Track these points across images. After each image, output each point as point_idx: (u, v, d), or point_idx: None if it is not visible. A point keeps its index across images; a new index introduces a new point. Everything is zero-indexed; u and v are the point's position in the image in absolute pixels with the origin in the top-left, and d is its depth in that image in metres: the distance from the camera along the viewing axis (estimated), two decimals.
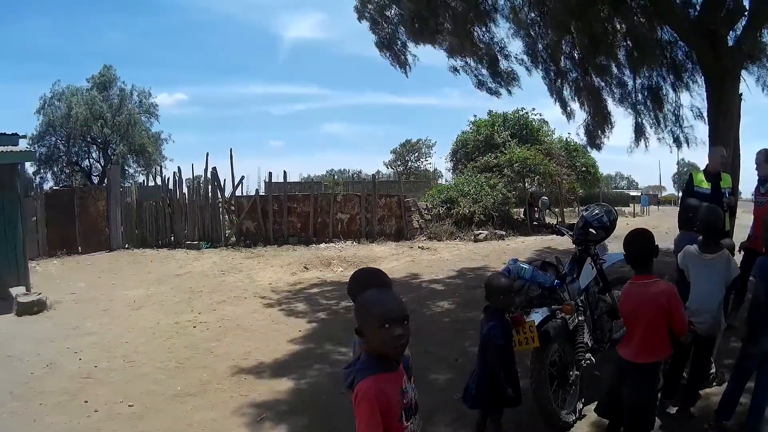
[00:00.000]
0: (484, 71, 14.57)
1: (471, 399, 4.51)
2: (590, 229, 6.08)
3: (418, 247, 18.56)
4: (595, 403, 4.89)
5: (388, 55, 13.76)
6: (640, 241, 4.30)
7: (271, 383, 6.53)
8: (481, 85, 14.70)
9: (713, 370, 5.95)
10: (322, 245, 19.50)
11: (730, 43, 11.73)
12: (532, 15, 13.36)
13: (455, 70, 14.47)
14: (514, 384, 4.48)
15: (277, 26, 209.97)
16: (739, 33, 12.03)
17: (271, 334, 8.65)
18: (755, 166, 8.21)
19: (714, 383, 5.93)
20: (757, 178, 8.27)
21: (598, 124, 15.10)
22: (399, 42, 13.54)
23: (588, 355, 5.29)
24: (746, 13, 11.57)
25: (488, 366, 4.41)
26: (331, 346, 7.75)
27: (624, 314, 4.46)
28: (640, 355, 4.10)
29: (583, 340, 5.31)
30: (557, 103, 14.89)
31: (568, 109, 14.98)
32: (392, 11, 13.17)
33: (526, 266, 5.26)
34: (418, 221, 21.86)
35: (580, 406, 5.27)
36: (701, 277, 5.27)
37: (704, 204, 6.18)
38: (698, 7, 12.43)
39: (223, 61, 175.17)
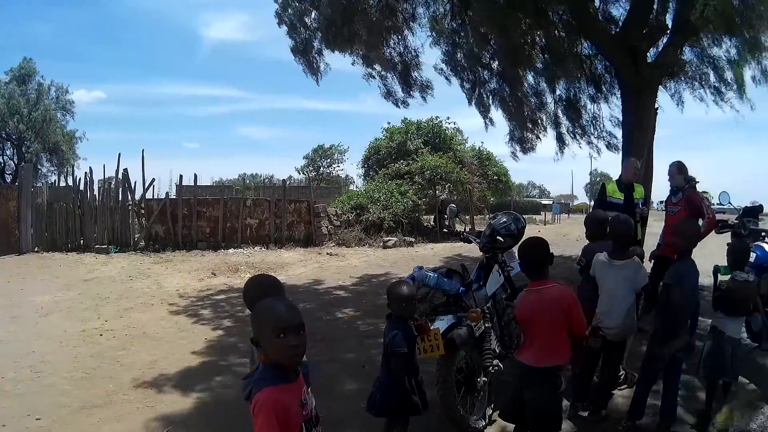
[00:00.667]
0: (394, 81, 14.51)
1: (375, 407, 4.41)
2: (498, 237, 6.16)
3: (327, 254, 18.46)
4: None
5: (301, 60, 13.58)
6: (533, 250, 4.31)
7: (177, 394, 6.32)
8: (388, 95, 14.63)
9: (623, 373, 6.10)
10: (231, 251, 19.25)
11: (650, 59, 11.99)
12: (453, 25, 13.36)
13: (371, 76, 14.36)
14: (419, 391, 4.41)
15: (199, 25, 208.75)
16: (659, 49, 12.30)
17: (177, 342, 8.41)
18: (668, 177, 8.50)
19: (625, 385, 6.11)
20: (669, 188, 8.56)
21: (518, 134, 15.29)
22: (314, 48, 13.37)
23: (496, 361, 5.30)
24: (668, 32, 11.85)
25: (392, 374, 4.34)
26: (235, 355, 7.55)
27: (521, 321, 4.43)
28: (539, 359, 4.07)
29: (490, 347, 5.31)
30: (479, 113, 14.95)
31: (488, 118, 15.01)
32: (311, 17, 12.99)
33: (431, 274, 5.26)
34: (327, 227, 21.75)
35: (489, 411, 5.29)
36: (610, 284, 5.36)
37: (614, 214, 6.33)
38: (621, 24, 12.70)
39: (144, 58, 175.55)
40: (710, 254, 7.88)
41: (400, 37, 13.78)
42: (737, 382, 5.70)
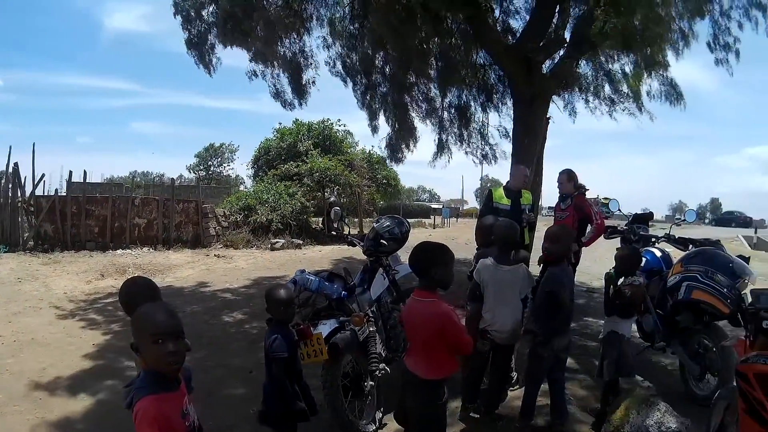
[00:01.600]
0: (284, 81, 14.27)
1: (261, 414, 4.34)
2: (381, 240, 6.24)
3: (215, 255, 18.19)
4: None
5: (194, 54, 13.21)
6: (421, 256, 4.13)
7: (67, 402, 6.08)
8: (277, 95, 14.34)
9: (515, 374, 6.21)
10: (119, 251, 18.64)
11: (546, 70, 12.19)
12: (351, 28, 13.32)
13: (254, 74, 14.06)
14: (306, 396, 4.40)
15: (103, 13, 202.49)
16: (556, 61, 12.55)
17: (66, 348, 8.04)
18: (557, 184, 8.85)
19: (517, 386, 6.19)
20: (558, 195, 8.91)
21: (403, 139, 15.18)
22: (208, 42, 13.02)
23: (382, 365, 5.28)
24: (566, 45, 12.06)
25: (274, 380, 4.27)
26: (124, 360, 7.20)
27: (405, 327, 4.28)
28: (421, 370, 3.94)
29: (376, 351, 5.29)
30: (367, 115, 14.83)
31: (376, 122, 14.91)
32: (209, 10, 12.59)
33: (312, 277, 5.27)
34: (215, 228, 21.39)
35: (379, 415, 5.27)
36: (498, 288, 5.38)
37: (500, 219, 6.39)
38: (518, 35, 12.84)
39: (44, 44, 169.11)
40: (600, 258, 8.09)
41: (297, 36, 13.58)
42: (632, 380, 6.01)
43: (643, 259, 6.64)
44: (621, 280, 5.67)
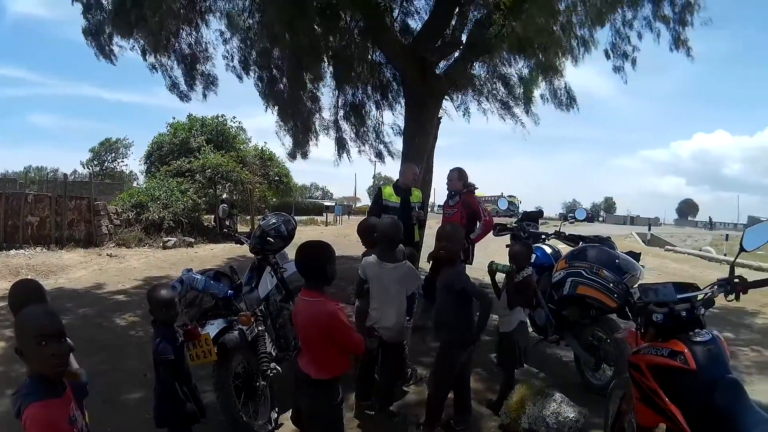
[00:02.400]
0: (180, 73, 13.91)
1: (157, 418, 4.29)
2: (268, 238, 6.29)
3: (107, 255, 17.66)
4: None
5: (93, 44, 12.77)
6: (308, 254, 4.11)
7: None
8: (174, 87, 13.92)
9: (410, 369, 6.41)
10: (12, 251, 17.73)
11: (440, 71, 12.30)
12: (250, 21, 13.19)
13: (153, 68, 13.61)
14: (195, 398, 4.37)
15: None
16: (450, 62, 12.70)
17: None
18: (447, 181, 9.06)
19: (411, 382, 6.40)
20: (447, 192, 9.12)
21: (299, 136, 15.12)
22: (106, 32, 12.60)
23: (273, 364, 5.30)
24: (461, 47, 12.17)
25: (162, 382, 4.23)
26: (19, 368, 6.67)
27: (296, 327, 4.32)
28: (311, 369, 3.95)
29: (266, 350, 5.32)
30: (270, 111, 14.51)
31: (278, 120, 14.67)
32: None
33: (198, 276, 5.21)
34: (107, 226, 20.68)
35: (275, 415, 5.32)
36: (382, 285, 5.45)
37: (385, 217, 6.63)
38: (415, 35, 12.95)
39: None
40: (493, 254, 8.24)
41: (193, 28, 13.34)
42: (527, 370, 6.26)
43: (533, 256, 6.83)
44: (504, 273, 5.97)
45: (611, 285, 5.68)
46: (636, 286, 4.43)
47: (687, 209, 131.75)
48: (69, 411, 2.66)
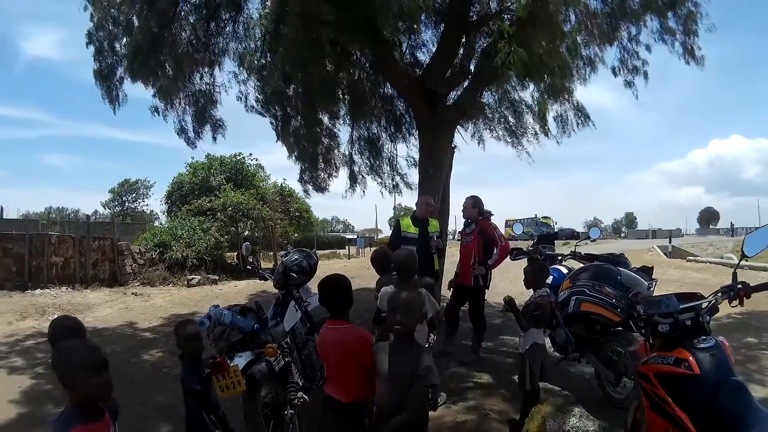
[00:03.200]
0: (189, 117, 13.99)
1: None
2: (291, 274, 6.56)
3: (132, 293, 17.87)
4: None
5: (102, 86, 12.83)
6: (330, 288, 4.36)
7: None
8: (182, 132, 13.95)
9: (442, 395, 6.45)
10: (38, 291, 17.92)
11: (450, 101, 12.45)
12: (263, 61, 13.30)
13: (156, 111, 13.64)
14: (224, 427, 4.68)
15: (18, 37, 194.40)
16: (459, 93, 12.84)
17: None
18: (462, 209, 9.17)
19: (441, 404, 6.35)
20: (464, 220, 9.20)
21: (314, 172, 15.28)
22: (116, 76, 12.74)
23: (300, 393, 5.42)
24: (470, 76, 12.34)
25: (191, 412, 4.47)
26: (52, 404, 7.09)
27: (321, 356, 4.54)
28: (341, 394, 4.14)
29: (293, 380, 5.48)
30: (284, 148, 14.52)
31: (293, 155, 14.77)
32: (121, 43, 12.32)
33: (225, 312, 5.33)
34: (131, 266, 20.97)
35: None
36: None
37: (402, 248, 7.04)
38: (424, 66, 13.11)
39: None
40: (514, 278, 8.43)
41: (207, 71, 13.53)
42: (550, 389, 6.38)
43: (550, 277, 7.02)
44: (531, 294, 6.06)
45: (614, 300, 5.91)
46: (640, 299, 4.59)
47: (708, 218, 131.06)
48: None
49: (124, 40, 12.15)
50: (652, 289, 6.69)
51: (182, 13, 12.08)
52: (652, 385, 3.50)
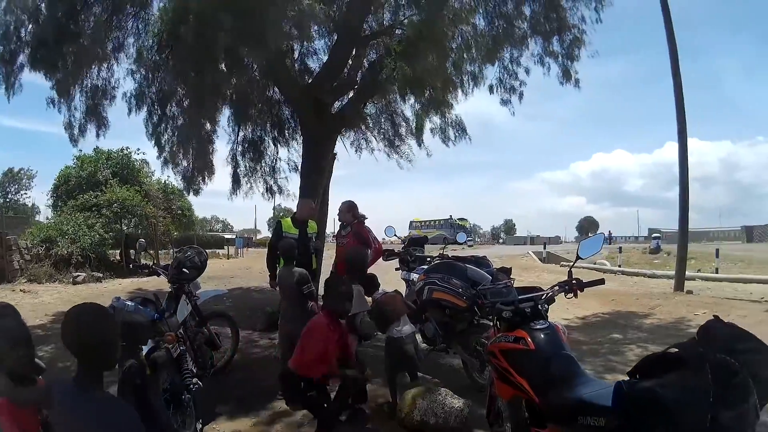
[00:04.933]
0: (78, 113, 13.77)
1: None
2: (183, 269, 6.89)
3: (20, 290, 17.70)
4: (215, 420, 6.03)
5: (0, 72, 12.72)
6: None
7: None
8: (69, 126, 13.76)
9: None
10: None
11: (335, 110, 13.02)
12: (157, 58, 13.38)
13: (52, 102, 13.34)
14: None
15: None
16: (344, 103, 13.41)
17: None
18: (338, 213, 9.60)
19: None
20: (339, 223, 9.65)
21: (199, 171, 15.46)
22: (17, 62, 12.61)
23: (195, 379, 5.73)
24: (355, 87, 12.95)
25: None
26: None
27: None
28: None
29: (188, 367, 5.75)
30: (156, 147, 14.86)
31: (167, 154, 15.06)
32: (27, 29, 12.04)
33: (129, 302, 5.60)
34: (18, 262, 20.53)
35: (199, 426, 5.66)
36: None
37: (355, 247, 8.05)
38: (314, 75, 13.63)
39: None
40: (390, 281, 9.10)
41: (105, 65, 13.49)
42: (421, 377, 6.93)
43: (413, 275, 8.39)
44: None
45: (460, 290, 6.84)
46: (487, 290, 5.36)
47: (587, 226, 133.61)
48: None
49: (30, 27, 12.07)
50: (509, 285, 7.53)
51: (89, 3, 12.05)
52: (498, 360, 4.19)
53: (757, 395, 2.81)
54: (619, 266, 29.98)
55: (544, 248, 41.62)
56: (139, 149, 33.03)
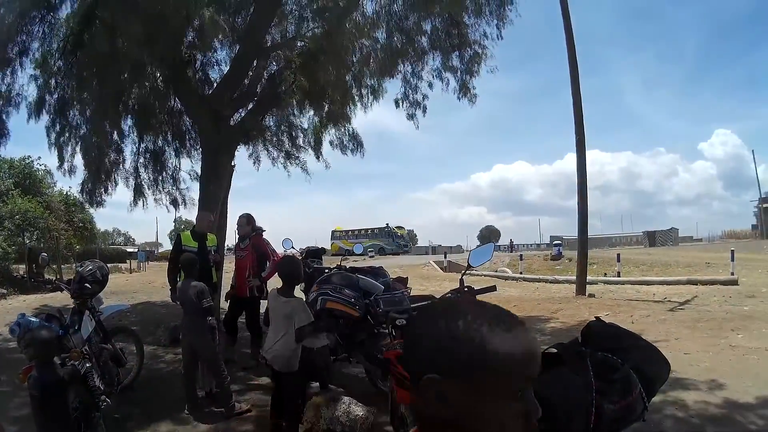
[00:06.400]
0: None
1: None
2: (85, 284, 6.82)
3: None
4: None
5: None
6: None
7: None
8: None
9: None
10: None
11: (234, 122, 13.00)
12: (61, 64, 12.86)
13: None
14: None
15: None
16: (243, 114, 13.41)
17: None
18: (236, 227, 9.90)
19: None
20: (238, 236, 9.91)
21: (99, 182, 15.13)
22: None
23: (104, 396, 5.69)
24: (255, 99, 13.04)
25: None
26: None
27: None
28: None
29: (95, 384, 5.65)
30: (57, 156, 14.40)
31: (68, 164, 14.62)
32: None
33: (33, 319, 5.57)
34: None
35: None
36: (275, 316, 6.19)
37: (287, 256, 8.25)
38: (214, 86, 13.57)
39: None
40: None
41: (8, 70, 12.77)
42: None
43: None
44: None
45: (352, 300, 7.02)
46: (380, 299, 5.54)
47: (489, 235, 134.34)
48: None
49: None
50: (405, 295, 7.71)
51: None
52: (395, 367, 4.31)
53: (644, 388, 3.03)
54: (521, 273, 30.41)
55: (445, 257, 41.95)
56: (40, 158, 32.25)
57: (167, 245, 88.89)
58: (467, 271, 5.20)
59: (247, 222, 9.76)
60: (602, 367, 3.01)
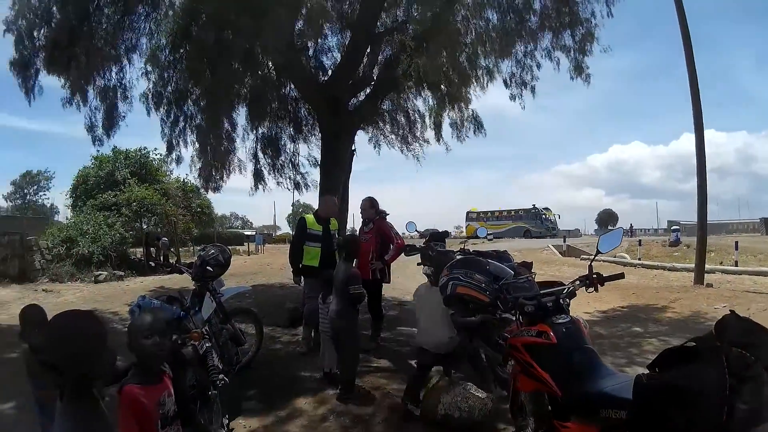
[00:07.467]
0: (98, 115, 13.73)
1: None
2: (207, 267, 6.88)
3: (43, 290, 17.70)
4: (241, 416, 6.12)
5: (18, 76, 12.70)
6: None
7: None
8: (92, 128, 13.78)
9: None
10: None
11: (352, 107, 13.06)
12: (171, 58, 13.43)
13: (69, 103, 13.33)
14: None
15: None
16: (361, 99, 13.46)
17: None
18: (360, 210, 9.73)
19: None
20: (362, 219, 9.77)
21: (217, 168, 15.53)
22: (34, 67, 12.55)
23: (221, 375, 5.75)
24: (372, 84, 13.01)
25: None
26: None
27: None
28: None
29: (214, 363, 5.76)
30: (168, 144, 15.01)
31: (182, 152, 15.25)
32: (40, 32, 12.09)
33: (154, 301, 5.68)
34: (40, 261, 20.55)
35: (226, 421, 5.75)
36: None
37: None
38: (330, 72, 13.64)
39: None
40: (411, 275, 9.17)
41: (118, 66, 13.41)
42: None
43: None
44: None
45: (483, 285, 6.87)
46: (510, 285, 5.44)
47: (607, 219, 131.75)
48: (160, 395, 3.44)
49: (43, 30, 12.13)
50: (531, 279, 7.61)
51: (100, 5, 12.09)
52: (521, 354, 4.23)
53: None
54: (639, 259, 29.45)
55: (564, 241, 41.00)
56: (156, 149, 33.11)
57: (285, 228, 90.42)
58: (595, 257, 5.05)
59: (370, 205, 9.73)
60: (736, 364, 2.88)
